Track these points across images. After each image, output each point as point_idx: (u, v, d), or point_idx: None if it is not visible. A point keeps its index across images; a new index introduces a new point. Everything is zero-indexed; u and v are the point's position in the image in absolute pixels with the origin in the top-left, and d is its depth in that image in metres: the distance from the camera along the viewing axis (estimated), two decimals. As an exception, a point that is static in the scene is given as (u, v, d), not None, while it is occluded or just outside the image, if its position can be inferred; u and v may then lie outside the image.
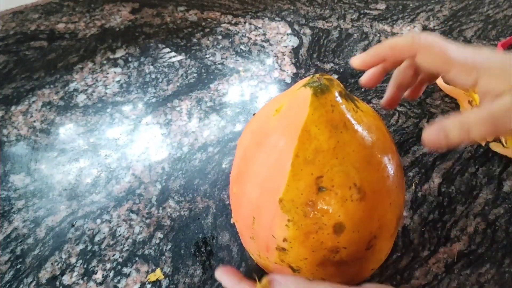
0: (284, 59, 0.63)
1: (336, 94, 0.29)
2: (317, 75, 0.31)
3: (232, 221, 0.44)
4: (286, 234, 0.30)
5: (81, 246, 0.44)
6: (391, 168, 0.31)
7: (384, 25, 0.67)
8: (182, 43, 0.66)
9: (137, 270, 0.42)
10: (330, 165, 0.28)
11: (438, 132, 0.28)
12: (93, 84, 0.60)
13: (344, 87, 0.31)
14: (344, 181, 0.28)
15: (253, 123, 0.34)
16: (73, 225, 0.46)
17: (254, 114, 0.36)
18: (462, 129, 0.28)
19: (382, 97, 0.56)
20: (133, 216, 0.46)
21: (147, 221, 0.45)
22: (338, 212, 0.28)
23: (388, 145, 0.32)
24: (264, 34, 0.67)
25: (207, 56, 0.64)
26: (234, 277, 0.31)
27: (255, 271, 0.41)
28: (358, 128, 0.29)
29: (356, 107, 0.31)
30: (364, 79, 0.35)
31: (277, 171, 0.29)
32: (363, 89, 0.57)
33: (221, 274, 0.32)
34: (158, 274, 0.41)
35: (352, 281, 0.32)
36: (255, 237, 0.33)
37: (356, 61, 0.33)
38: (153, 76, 0.61)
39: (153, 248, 0.43)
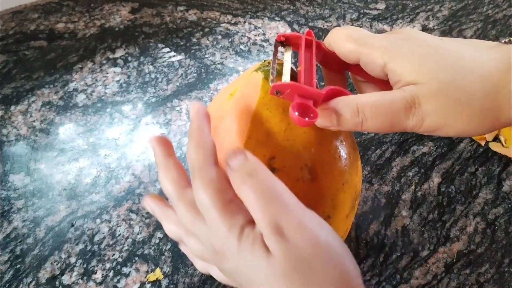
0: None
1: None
2: (269, 59, 0.31)
3: None
4: None
5: (80, 246, 0.44)
6: (343, 149, 0.31)
7: (383, 24, 0.67)
8: (182, 43, 0.66)
9: (137, 270, 0.42)
10: (281, 147, 0.29)
11: (330, 115, 0.27)
12: (93, 84, 0.60)
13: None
14: (295, 162, 0.29)
15: (210, 108, 0.34)
16: (72, 225, 0.46)
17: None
18: (356, 118, 0.26)
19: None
20: (133, 216, 0.46)
21: (147, 221, 0.45)
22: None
23: None
24: (264, 34, 0.67)
25: (207, 56, 0.64)
26: (165, 150, 0.29)
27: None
28: None
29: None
30: None
31: None
32: (362, 89, 0.57)
33: (154, 142, 0.29)
34: (157, 274, 0.41)
35: None
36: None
37: None
38: (152, 76, 0.61)
39: (153, 248, 0.43)
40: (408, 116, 0.25)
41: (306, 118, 0.25)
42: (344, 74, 0.34)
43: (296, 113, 0.25)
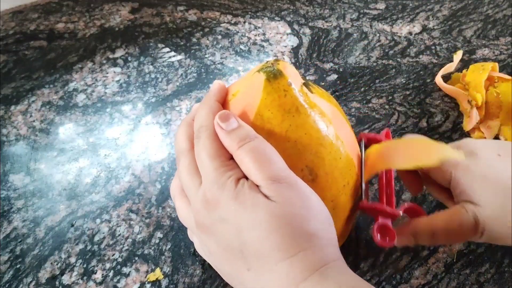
0: (283, 58, 0.63)
1: (289, 79, 0.30)
2: (272, 60, 0.31)
3: None
4: None
5: (80, 246, 0.44)
6: (343, 151, 0.32)
7: (383, 24, 0.67)
8: (182, 43, 0.66)
9: (137, 270, 0.42)
10: (282, 148, 0.29)
11: (409, 237, 0.32)
12: (93, 83, 0.60)
13: (344, 87, 0.32)
14: (296, 163, 0.29)
15: None
16: (72, 225, 0.46)
17: None
18: (431, 239, 0.32)
19: (381, 96, 0.56)
20: (133, 216, 0.46)
21: (147, 220, 0.45)
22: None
23: (343, 128, 0.33)
24: (264, 34, 0.67)
25: (207, 55, 0.64)
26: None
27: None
28: (311, 112, 0.30)
29: (310, 92, 0.32)
30: None
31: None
32: (362, 89, 0.57)
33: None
34: (157, 273, 0.41)
35: None
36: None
37: None
38: (152, 75, 0.61)
39: (153, 247, 0.43)
40: (474, 233, 0.30)
41: (387, 239, 0.31)
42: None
43: (379, 235, 0.31)
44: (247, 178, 0.27)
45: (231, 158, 0.28)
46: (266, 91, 0.30)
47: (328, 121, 0.31)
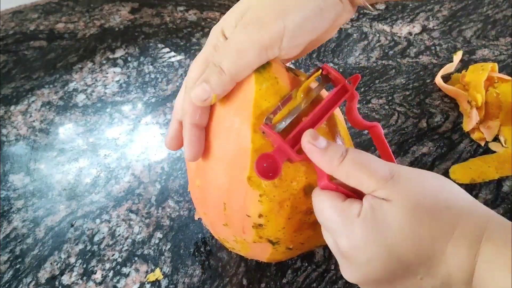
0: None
1: (275, 66, 0.31)
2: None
3: (196, 217, 0.44)
4: (261, 209, 0.30)
5: (80, 246, 0.44)
6: (341, 129, 0.33)
7: (383, 25, 0.67)
8: (182, 43, 0.66)
9: (137, 270, 0.42)
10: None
11: (201, 85, 0.29)
12: (93, 84, 0.60)
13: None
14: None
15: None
16: (72, 225, 0.46)
17: None
18: (216, 70, 0.29)
19: (381, 97, 0.56)
20: (133, 216, 0.46)
21: (147, 221, 0.45)
22: (305, 175, 0.30)
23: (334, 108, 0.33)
24: (264, 34, 0.67)
25: (207, 56, 0.64)
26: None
27: (254, 271, 0.41)
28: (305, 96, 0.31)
29: (296, 75, 0.33)
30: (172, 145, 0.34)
31: (239, 151, 0.30)
32: (362, 89, 0.57)
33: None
34: (157, 274, 0.41)
35: None
36: (229, 223, 0.33)
37: (165, 144, 0.34)
38: (152, 76, 0.61)
39: (153, 248, 0.43)
40: None
41: (270, 174, 0.28)
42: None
43: (265, 165, 0.28)
44: (358, 198, 0.27)
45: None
46: (259, 82, 0.30)
47: (321, 101, 0.32)
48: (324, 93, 0.34)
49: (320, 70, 0.32)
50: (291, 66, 0.51)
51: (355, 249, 0.26)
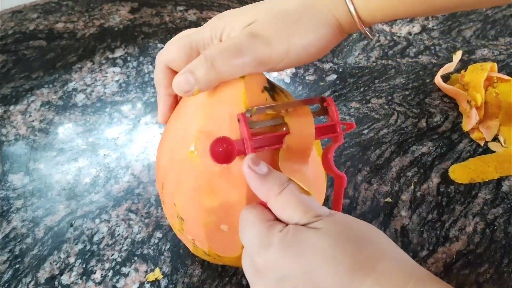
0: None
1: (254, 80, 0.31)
2: None
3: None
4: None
5: (80, 246, 0.44)
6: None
7: (383, 25, 0.67)
8: (181, 43, 0.66)
9: (136, 270, 0.42)
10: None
11: (185, 75, 0.28)
12: (92, 83, 0.60)
13: (343, 87, 0.32)
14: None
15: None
16: (72, 225, 0.46)
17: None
18: (206, 63, 0.28)
19: (381, 97, 0.56)
20: (132, 215, 0.46)
21: (146, 220, 0.45)
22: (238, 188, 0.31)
23: None
24: (263, 34, 0.67)
25: (206, 55, 0.64)
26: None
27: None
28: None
29: (275, 94, 0.32)
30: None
31: (186, 132, 0.31)
32: (362, 89, 0.57)
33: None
34: (157, 273, 0.41)
35: None
36: (165, 203, 0.35)
37: (158, 118, 0.36)
38: (152, 75, 0.61)
39: (152, 247, 0.43)
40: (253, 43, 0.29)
41: (222, 159, 0.28)
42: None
43: (220, 149, 0.28)
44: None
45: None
46: (246, 86, 0.29)
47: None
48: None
49: (323, 101, 0.32)
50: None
51: (270, 266, 0.25)
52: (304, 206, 0.25)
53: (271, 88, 0.31)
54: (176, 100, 0.35)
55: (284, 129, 0.29)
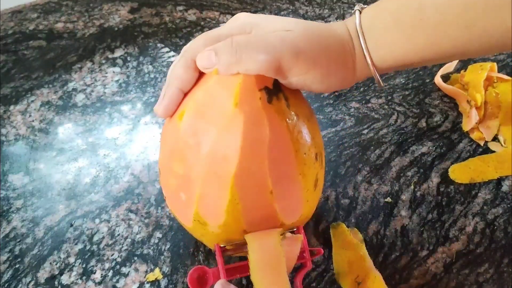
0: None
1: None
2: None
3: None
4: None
5: (79, 246, 0.44)
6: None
7: (383, 24, 0.67)
8: (181, 43, 0.66)
9: (136, 270, 0.42)
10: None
11: (209, 52, 0.30)
12: (92, 83, 0.60)
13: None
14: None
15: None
16: (71, 225, 0.46)
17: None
18: (232, 49, 0.29)
19: (381, 96, 0.56)
20: (132, 215, 0.46)
21: (146, 220, 0.45)
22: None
23: None
24: (263, 34, 0.67)
25: (206, 55, 0.64)
26: None
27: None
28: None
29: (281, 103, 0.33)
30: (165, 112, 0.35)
31: (183, 102, 0.34)
32: (362, 89, 0.57)
33: None
34: (157, 273, 0.41)
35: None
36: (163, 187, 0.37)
37: (161, 112, 0.34)
38: (152, 75, 0.61)
39: (152, 247, 0.43)
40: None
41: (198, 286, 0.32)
42: None
43: (196, 277, 0.32)
44: None
45: None
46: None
47: None
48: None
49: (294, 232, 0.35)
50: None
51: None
52: None
53: (274, 91, 0.31)
54: (182, 99, 0.34)
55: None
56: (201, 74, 0.33)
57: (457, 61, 0.59)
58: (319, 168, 0.35)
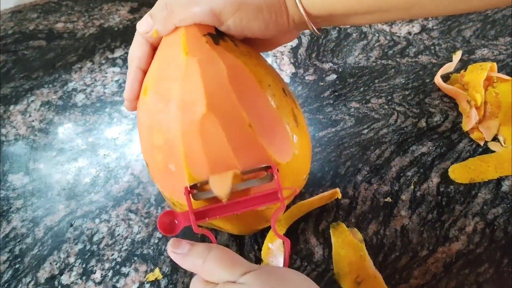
0: (283, 58, 0.63)
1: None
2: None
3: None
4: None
5: (79, 246, 0.44)
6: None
7: (383, 24, 0.67)
8: (181, 43, 0.66)
9: (136, 270, 0.42)
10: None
11: (146, 18, 0.34)
12: (92, 83, 0.60)
13: (343, 87, 0.32)
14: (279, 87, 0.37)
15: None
16: (71, 225, 0.46)
17: None
18: (165, 9, 0.33)
19: (381, 96, 0.56)
20: (132, 215, 0.46)
21: (146, 220, 0.45)
22: None
23: None
24: (263, 34, 0.67)
25: (206, 55, 0.64)
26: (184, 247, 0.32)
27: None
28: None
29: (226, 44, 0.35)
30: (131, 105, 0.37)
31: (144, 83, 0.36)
32: (362, 89, 0.57)
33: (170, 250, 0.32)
34: (156, 273, 0.41)
35: None
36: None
37: (127, 94, 0.36)
38: (152, 75, 0.61)
39: (152, 247, 0.43)
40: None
41: (168, 230, 0.32)
42: None
43: (167, 222, 0.33)
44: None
45: None
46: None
47: None
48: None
49: (267, 170, 0.34)
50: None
51: None
52: (229, 266, 0.29)
53: (218, 35, 0.33)
54: (143, 78, 0.36)
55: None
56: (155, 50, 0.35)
57: (457, 61, 0.59)
58: (293, 104, 0.36)
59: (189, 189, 0.32)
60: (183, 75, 0.31)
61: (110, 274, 0.42)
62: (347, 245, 0.42)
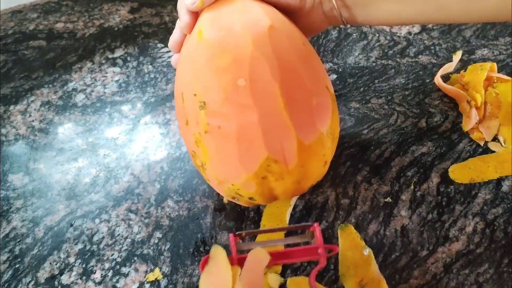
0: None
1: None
2: None
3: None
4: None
5: (79, 246, 0.44)
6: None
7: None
8: (181, 43, 0.66)
9: (136, 270, 0.42)
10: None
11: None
12: (92, 83, 0.60)
13: (343, 87, 0.33)
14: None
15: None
16: (71, 225, 0.46)
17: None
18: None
19: (381, 96, 0.56)
20: (132, 215, 0.46)
21: (146, 220, 0.45)
22: None
23: None
24: (263, 34, 0.67)
25: (206, 55, 0.64)
26: None
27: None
28: None
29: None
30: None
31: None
32: (362, 89, 0.57)
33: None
34: (156, 273, 0.41)
35: None
36: (188, 117, 0.36)
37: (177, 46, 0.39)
38: (152, 75, 0.61)
39: (152, 247, 0.43)
40: None
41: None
42: None
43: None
44: None
45: None
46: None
47: None
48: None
49: (309, 227, 0.36)
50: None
51: None
52: None
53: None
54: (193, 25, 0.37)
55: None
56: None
57: (457, 61, 0.59)
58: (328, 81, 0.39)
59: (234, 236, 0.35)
60: (241, 8, 0.35)
61: (110, 274, 0.42)
62: (354, 247, 0.42)
